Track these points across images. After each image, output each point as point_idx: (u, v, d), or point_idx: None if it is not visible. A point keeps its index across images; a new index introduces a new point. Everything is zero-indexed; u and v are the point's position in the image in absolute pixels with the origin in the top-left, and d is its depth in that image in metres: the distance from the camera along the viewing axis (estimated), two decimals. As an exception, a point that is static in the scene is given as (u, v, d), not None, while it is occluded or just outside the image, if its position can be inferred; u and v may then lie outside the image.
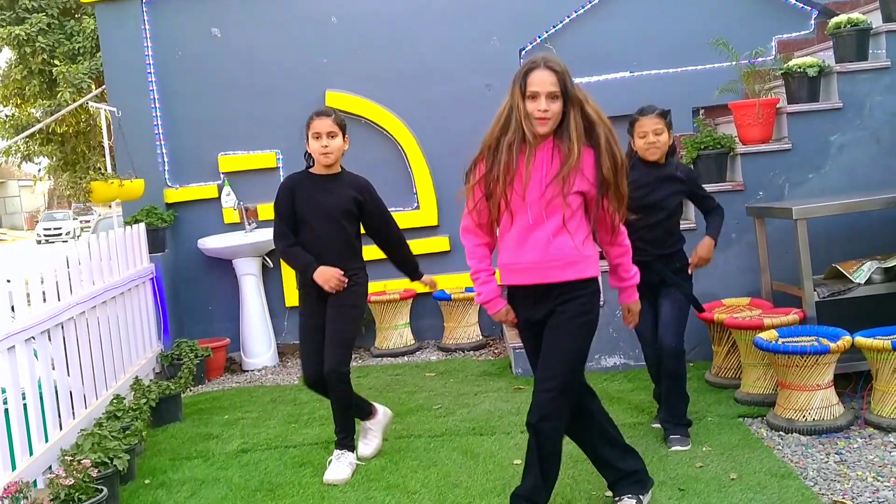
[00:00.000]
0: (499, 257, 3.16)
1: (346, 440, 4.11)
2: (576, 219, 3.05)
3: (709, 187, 5.39)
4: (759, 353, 4.40)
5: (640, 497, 3.30)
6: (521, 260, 3.08)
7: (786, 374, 4.13)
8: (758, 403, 4.49)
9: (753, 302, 5.08)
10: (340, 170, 4.17)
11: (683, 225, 5.42)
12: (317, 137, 4.03)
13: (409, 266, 4.41)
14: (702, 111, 6.29)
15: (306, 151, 4.14)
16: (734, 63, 5.68)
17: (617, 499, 3.31)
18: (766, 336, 4.31)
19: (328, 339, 4.04)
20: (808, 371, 4.05)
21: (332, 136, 4.03)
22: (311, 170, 4.15)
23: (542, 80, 3.06)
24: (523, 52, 6.66)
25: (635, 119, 4.23)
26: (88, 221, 29.58)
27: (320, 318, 4.08)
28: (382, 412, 4.35)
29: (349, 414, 4.14)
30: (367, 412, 4.28)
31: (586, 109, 3.09)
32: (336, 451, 4.09)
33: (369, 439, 4.25)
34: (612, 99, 6.50)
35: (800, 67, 5.33)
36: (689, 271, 4.33)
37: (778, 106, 5.43)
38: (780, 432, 4.12)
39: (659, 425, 4.26)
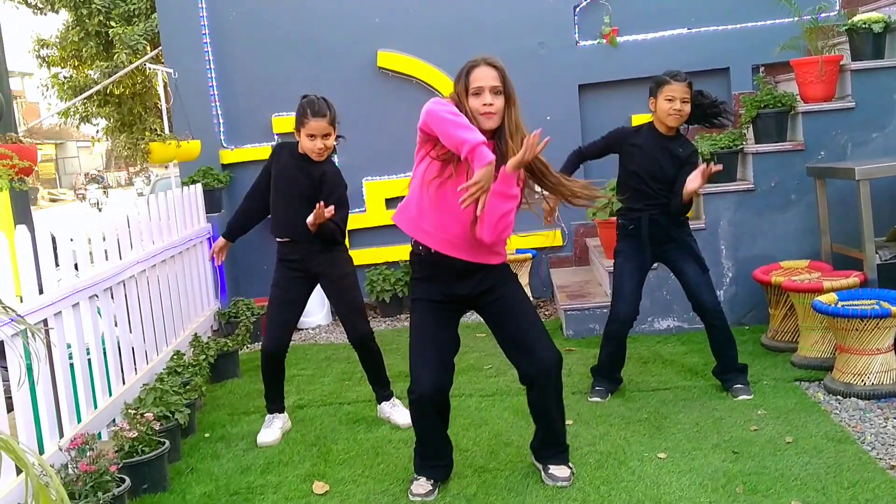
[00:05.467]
0: (419, 219, 3.19)
1: (389, 390, 4.28)
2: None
3: (768, 147, 5.31)
4: (818, 317, 4.33)
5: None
6: (449, 232, 3.16)
7: (845, 338, 4.06)
8: (815, 367, 4.43)
9: (812, 264, 4.99)
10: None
11: (740, 185, 5.34)
12: (311, 138, 3.94)
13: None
14: (762, 69, 6.14)
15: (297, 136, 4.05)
16: (796, 19, 5.52)
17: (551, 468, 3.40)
18: (826, 299, 4.23)
19: (346, 312, 4.14)
20: (867, 335, 3.98)
21: (327, 137, 3.97)
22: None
23: (485, 76, 3.10)
24: (577, 10, 6.55)
25: (665, 81, 4.10)
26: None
27: (293, 293, 4.12)
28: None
29: (384, 369, 4.27)
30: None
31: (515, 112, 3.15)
32: (389, 402, 4.26)
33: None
34: (668, 57, 6.40)
35: (865, 23, 5.16)
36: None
37: (841, 63, 5.27)
38: (838, 396, 4.07)
39: (599, 399, 4.29)
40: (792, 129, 5.40)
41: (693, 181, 3.96)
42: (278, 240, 4.15)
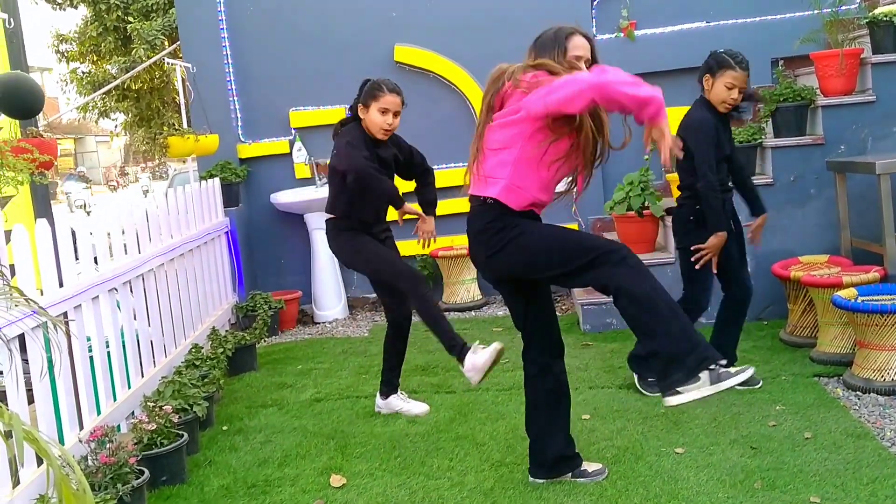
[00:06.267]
0: (521, 189, 3.02)
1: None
2: None
3: (787, 140, 5.27)
4: (837, 312, 4.30)
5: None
6: (540, 200, 3.08)
7: (865, 333, 4.03)
8: (834, 363, 4.40)
9: (832, 259, 4.95)
10: None
11: (759, 180, 5.30)
12: (384, 112, 3.95)
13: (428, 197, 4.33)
14: (781, 62, 6.09)
15: (354, 108, 4.02)
16: (816, 11, 5.46)
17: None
18: (845, 294, 4.20)
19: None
20: (888, 330, 3.95)
21: (397, 116, 4.00)
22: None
23: (584, 45, 3.09)
24: (595, 3, 6.52)
25: (729, 65, 3.95)
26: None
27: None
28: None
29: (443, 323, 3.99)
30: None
31: None
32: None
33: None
34: (687, 50, 6.36)
35: (886, 16, 5.11)
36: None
37: (862, 56, 5.22)
38: (858, 392, 4.04)
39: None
40: (812, 122, 5.35)
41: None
42: (359, 220, 4.06)
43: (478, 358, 3.61)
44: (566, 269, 2.98)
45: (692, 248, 4.05)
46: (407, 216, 4.18)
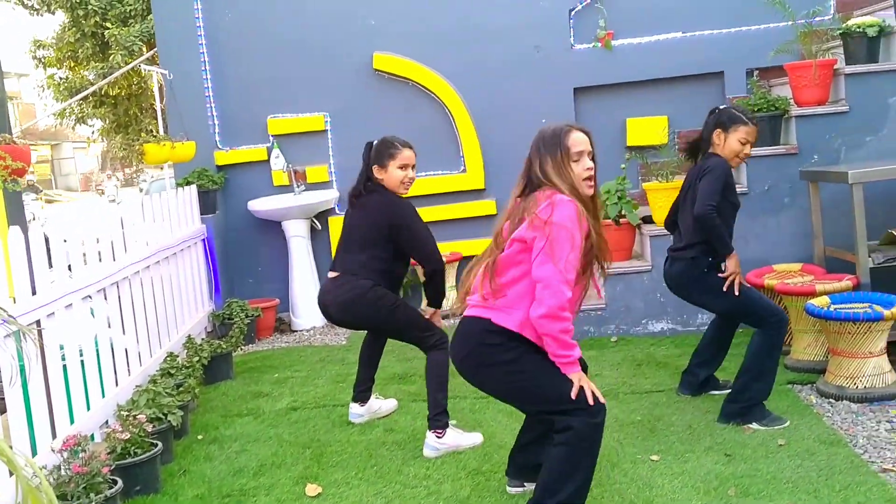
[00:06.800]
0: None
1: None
2: None
3: (761, 150, 5.32)
4: (811, 320, 4.34)
5: None
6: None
7: (837, 341, 4.07)
8: (808, 370, 4.44)
9: (805, 268, 5.00)
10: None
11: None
12: (404, 168, 3.98)
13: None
14: (756, 72, 6.16)
15: (369, 173, 4.02)
16: (791, 23, 5.53)
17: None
18: (818, 302, 4.24)
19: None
20: (860, 338, 3.99)
21: (414, 169, 4.04)
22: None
23: (583, 140, 3.02)
24: (573, 13, 6.56)
25: (742, 122, 3.95)
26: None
27: None
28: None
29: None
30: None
31: None
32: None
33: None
34: (663, 61, 6.43)
35: (859, 27, 5.17)
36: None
37: (835, 67, 5.29)
38: (830, 399, 4.08)
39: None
40: (786, 132, 5.41)
41: None
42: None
43: (462, 439, 3.86)
44: (538, 408, 3.05)
45: (721, 276, 3.96)
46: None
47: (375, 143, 4.06)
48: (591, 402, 2.84)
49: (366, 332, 4.39)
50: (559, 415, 2.89)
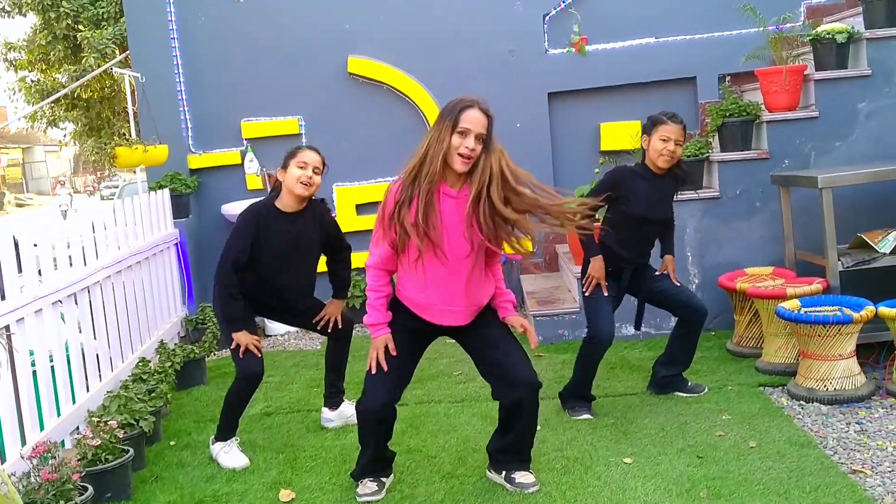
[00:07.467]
0: (404, 290, 3.28)
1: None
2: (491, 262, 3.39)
3: (733, 155, 5.38)
4: (782, 323, 4.39)
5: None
6: (437, 303, 3.24)
7: (808, 344, 4.12)
8: (779, 373, 4.49)
9: (776, 271, 5.05)
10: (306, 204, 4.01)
11: (705, 193, 5.40)
12: (302, 167, 3.86)
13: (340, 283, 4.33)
14: (728, 78, 6.22)
15: (274, 182, 4.02)
16: (762, 29, 5.59)
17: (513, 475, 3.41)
18: (789, 305, 4.29)
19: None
20: (830, 341, 4.04)
21: (317, 172, 3.90)
22: (276, 204, 3.96)
23: (475, 119, 3.08)
24: (547, 18, 6.59)
25: (662, 121, 4.03)
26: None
27: None
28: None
29: None
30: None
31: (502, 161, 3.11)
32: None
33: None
34: (636, 66, 6.48)
35: (828, 33, 5.24)
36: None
37: (805, 73, 5.35)
38: (801, 401, 4.12)
39: (588, 415, 4.18)
40: (757, 137, 5.47)
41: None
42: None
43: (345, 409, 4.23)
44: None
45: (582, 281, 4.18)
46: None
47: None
48: (373, 369, 3.26)
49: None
50: None
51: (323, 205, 4.13)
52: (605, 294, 4.10)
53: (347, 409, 4.27)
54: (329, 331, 4.22)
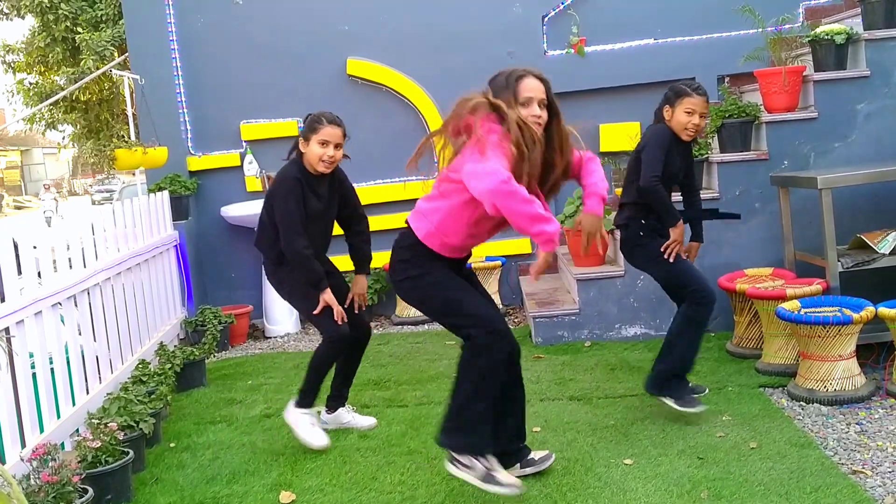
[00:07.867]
0: (445, 237, 3.20)
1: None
2: None
3: (732, 156, 5.38)
4: (782, 324, 4.39)
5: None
6: (467, 245, 3.31)
7: (808, 345, 4.12)
8: (779, 374, 4.49)
9: (776, 272, 5.05)
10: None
11: (705, 194, 5.40)
12: (324, 145, 3.92)
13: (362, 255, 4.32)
14: (727, 79, 6.22)
15: (295, 146, 4.02)
16: (760, 30, 5.60)
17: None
18: (789, 306, 4.29)
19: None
20: (830, 341, 4.04)
21: (338, 148, 3.96)
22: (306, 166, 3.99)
23: (534, 87, 3.21)
24: (546, 19, 6.60)
25: (686, 93, 3.96)
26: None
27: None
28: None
29: None
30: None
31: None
32: (346, 407, 4.30)
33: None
34: (635, 67, 6.49)
35: (827, 34, 5.24)
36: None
37: (804, 74, 5.35)
38: (801, 402, 4.12)
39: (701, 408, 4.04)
40: (756, 138, 5.47)
41: None
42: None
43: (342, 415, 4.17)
44: (442, 321, 3.37)
45: (661, 249, 4.00)
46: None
47: (310, 115, 4.03)
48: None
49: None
50: (460, 328, 3.19)
51: (340, 171, 4.13)
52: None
53: (344, 416, 4.24)
54: (356, 311, 4.17)
